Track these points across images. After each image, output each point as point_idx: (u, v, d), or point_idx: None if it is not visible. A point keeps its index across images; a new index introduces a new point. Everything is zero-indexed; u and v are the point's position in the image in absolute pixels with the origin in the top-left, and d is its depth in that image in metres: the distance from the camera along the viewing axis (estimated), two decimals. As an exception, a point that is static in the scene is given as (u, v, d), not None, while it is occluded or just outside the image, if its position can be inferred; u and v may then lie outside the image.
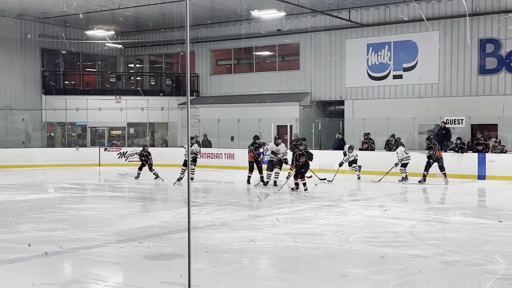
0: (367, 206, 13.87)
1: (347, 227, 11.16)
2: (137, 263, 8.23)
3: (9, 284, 7.07)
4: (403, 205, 14.20)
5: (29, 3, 25.67)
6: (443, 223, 11.76)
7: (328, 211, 13.05)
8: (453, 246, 9.52)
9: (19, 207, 13.96)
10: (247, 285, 7.00)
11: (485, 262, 8.21)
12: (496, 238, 10.10)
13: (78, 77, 32.90)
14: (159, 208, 12.97)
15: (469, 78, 24.34)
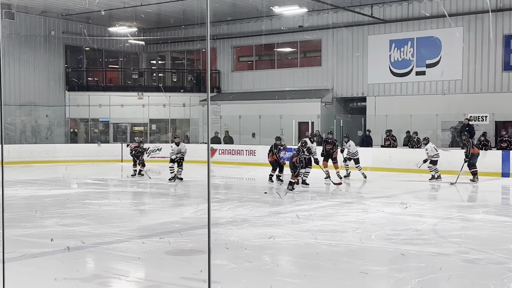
0: (389, 203, 13.82)
1: (369, 224, 11.12)
2: (158, 258, 8.28)
3: (32, 278, 7.15)
4: (425, 202, 14.11)
5: (52, 1, 25.87)
6: (466, 220, 11.69)
7: (349, 208, 13.01)
8: (476, 244, 9.45)
9: (42, 202, 14.10)
10: (268, 282, 7.00)
11: (508, 260, 8.16)
12: (519, 236, 10.03)
13: (101, 74, 33.15)
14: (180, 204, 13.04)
15: (493, 75, 24.18)
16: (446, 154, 19.43)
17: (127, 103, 30.38)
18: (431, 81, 25.58)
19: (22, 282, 6.76)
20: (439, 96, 25.24)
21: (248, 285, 6.77)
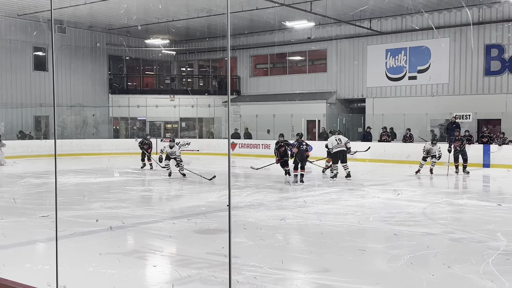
0: (384, 190, 13.78)
1: (367, 208, 11.12)
2: (187, 236, 8.34)
3: (80, 253, 7.23)
4: (416, 189, 14.04)
5: (98, 17, 26.02)
6: (452, 205, 11.65)
7: (350, 194, 13.00)
8: (460, 225, 9.42)
9: (89, 188, 14.23)
10: (280, 257, 7.02)
11: (488, 239, 8.12)
12: (498, 218, 9.97)
13: (139, 79, 33.34)
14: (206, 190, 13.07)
15: (475, 79, 24.06)
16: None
17: (161, 104, 30.51)
18: (421, 85, 25.49)
19: (72, 256, 6.85)
20: (429, 97, 25.13)
21: (263, 259, 6.80)
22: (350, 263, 6.97)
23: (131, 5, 22.22)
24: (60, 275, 3.61)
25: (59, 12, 23.64)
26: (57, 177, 4.75)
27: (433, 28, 23.37)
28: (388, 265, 6.76)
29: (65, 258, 6.47)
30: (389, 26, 26.15)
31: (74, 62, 28.36)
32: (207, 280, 6.02)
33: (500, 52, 23.50)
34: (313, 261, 6.97)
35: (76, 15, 24.57)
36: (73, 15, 24.47)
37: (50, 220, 9.14)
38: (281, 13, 22.91)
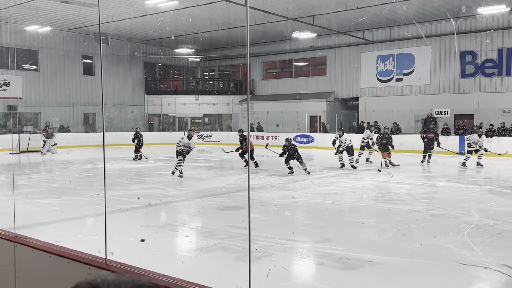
0: (376, 174, 13.76)
1: (361, 189, 11.12)
2: (212, 212, 8.41)
3: (125, 225, 7.32)
4: (402, 173, 14.00)
5: (136, 30, 26.11)
6: (432, 186, 11.63)
7: (347, 178, 13.00)
8: (440, 204, 9.40)
9: (130, 173, 14.38)
10: (289, 229, 7.06)
11: (463, 215, 8.11)
12: (472, 198, 9.95)
13: (169, 82, 33.44)
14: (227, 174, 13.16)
15: (453, 80, 23.90)
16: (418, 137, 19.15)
17: (188, 103, 30.61)
18: (407, 85, 25.33)
19: (118, 229, 6.93)
20: (413, 96, 24.98)
21: (275, 232, 6.84)
22: (347, 234, 6.99)
23: (163, 20, 22.27)
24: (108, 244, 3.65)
25: (104, 26, 23.72)
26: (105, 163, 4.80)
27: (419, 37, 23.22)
28: (379, 237, 6.77)
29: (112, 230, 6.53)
30: (380, 36, 25.96)
31: (116, 68, 28.48)
32: (228, 248, 6.08)
33: (473, 58, 23.29)
34: (316, 233, 7.01)
35: (118, 28, 24.67)
36: (115, 28, 24.55)
37: (98, 199, 9.25)
38: (288, 26, 22.85)
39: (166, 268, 4.30)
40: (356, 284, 4.89)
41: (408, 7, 19.85)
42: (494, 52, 22.70)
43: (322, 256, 5.81)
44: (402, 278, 5.08)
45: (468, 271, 5.23)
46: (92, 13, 20.95)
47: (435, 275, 5.21)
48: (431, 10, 21.17)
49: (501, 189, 11.11)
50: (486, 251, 5.88)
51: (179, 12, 20.22)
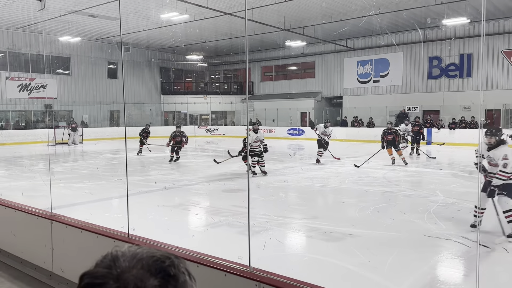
0: (356, 161, 13.75)
1: (344, 174, 11.13)
2: (218, 194, 8.42)
3: (144, 205, 7.34)
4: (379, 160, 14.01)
5: (152, 40, 26.00)
6: (404, 171, 11.63)
7: (332, 164, 13.00)
8: (410, 186, 9.43)
9: (148, 161, 14.36)
10: (283, 208, 7.08)
11: (430, 195, 8.13)
12: (437, 180, 9.95)
13: (182, 83, 33.33)
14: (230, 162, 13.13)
15: (421, 81, 23.86)
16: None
17: (197, 101, 30.57)
18: (383, 86, 25.27)
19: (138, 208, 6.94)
20: (388, 95, 24.94)
21: (270, 210, 6.85)
22: (331, 212, 7.02)
23: (176, 31, 22.19)
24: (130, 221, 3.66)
25: (125, 37, 23.66)
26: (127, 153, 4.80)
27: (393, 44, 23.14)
28: (359, 214, 6.79)
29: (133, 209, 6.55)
30: (360, 44, 25.86)
31: (136, 72, 28.40)
32: (232, 224, 6.10)
33: (439, 62, 23.23)
34: (305, 211, 7.03)
35: (137, 38, 24.57)
36: (135, 38, 24.45)
37: (121, 183, 9.26)
38: (282, 36, 22.78)
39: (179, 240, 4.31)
40: (339, 253, 4.91)
41: (382, 19, 19.79)
42: (457, 57, 22.64)
43: (311, 230, 5.83)
44: (378, 248, 5.10)
45: (433, 242, 5.25)
46: (115, 25, 20.88)
47: (406, 245, 5.24)
48: (402, 21, 21.08)
49: (462, 173, 11.13)
50: (448, 225, 5.90)
51: (188, 24, 20.15)
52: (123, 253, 0.70)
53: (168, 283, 0.68)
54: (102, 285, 0.66)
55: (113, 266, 0.68)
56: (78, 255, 3.67)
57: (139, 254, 0.70)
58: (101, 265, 0.69)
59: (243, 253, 2.81)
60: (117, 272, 0.67)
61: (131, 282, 0.65)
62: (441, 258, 4.87)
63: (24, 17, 19.62)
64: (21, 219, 4.39)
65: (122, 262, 0.68)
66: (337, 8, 18.62)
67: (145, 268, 0.68)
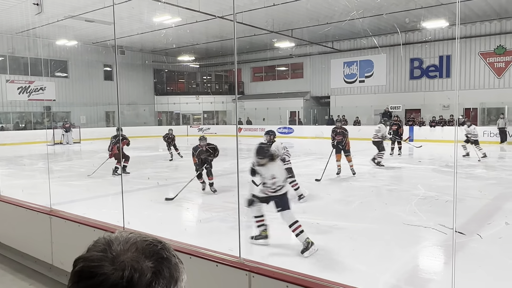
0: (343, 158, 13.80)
1: (331, 170, 11.13)
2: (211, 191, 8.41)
3: (138, 200, 7.34)
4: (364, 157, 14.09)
5: (146, 42, 25.84)
6: (388, 167, 11.72)
7: (320, 161, 13.03)
8: (393, 180, 9.52)
9: (143, 160, 14.28)
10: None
11: (412, 189, 8.23)
12: (418, 175, 10.08)
13: (175, 84, 33.18)
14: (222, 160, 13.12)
15: (404, 81, 24.05)
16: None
17: (190, 102, 30.47)
18: (368, 86, 25.42)
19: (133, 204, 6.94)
20: (373, 94, 25.11)
21: (261, 204, 6.88)
22: (319, 206, 7.07)
23: (168, 34, 22.12)
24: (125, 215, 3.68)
25: (119, 40, 23.54)
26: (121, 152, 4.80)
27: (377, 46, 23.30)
28: (345, 207, 6.86)
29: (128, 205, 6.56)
30: (346, 46, 25.95)
31: (130, 74, 28.20)
32: (223, 219, 6.12)
33: (420, 63, 23.42)
34: (295, 206, 7.04)
35: (131, 41, 24.43)
36: (129, 41, 24.31)
37: (117, 180, 9.22)
38: (271, 37, 22.80)
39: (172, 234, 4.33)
40: (326, 245, 4.96)
41: (365, 22, 19.87)
42: (436, 58, 22.85)
43: (299, 223, 5.87)
44: (363, 239, 5.17)
45: (415, 232, 5.33)
46: (111, 29, 20.72)
47: (389, 236, 5.31)
48: (384, 24, 21.21)
49: (441, 168, 11.27)
50: (429, 217, 5.99)
51: (180, 27, 20.06)
52: (116, 237, 0.71)
53: (162, 265, 0.69)
54: (98, 267, 0.66)
55: (108, 250, 0.68)
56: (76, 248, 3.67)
57: (132, 239, 0.71)
58: (95, 249, 0.69)
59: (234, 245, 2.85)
60: (113, 255, 0.67)
61: (127, 264, 0.66)
62: (421, 248, 4.95)
63: (23, 22, 19.43)
64: (22, 214, 4.38)
65: (117, 245, 0.69)
66: (322, 10, 18.69)
67: (140, 251, 0.69)
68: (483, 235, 5.11)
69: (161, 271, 0.68)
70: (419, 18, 18.48)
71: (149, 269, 0.67)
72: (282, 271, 2.56)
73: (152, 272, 0.67)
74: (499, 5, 18.71)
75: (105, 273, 0.65)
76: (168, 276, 0.69)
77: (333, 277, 2.59)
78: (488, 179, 9.47)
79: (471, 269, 4.11)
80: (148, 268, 0.67)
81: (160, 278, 0.67)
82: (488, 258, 4.49)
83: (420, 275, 4.20)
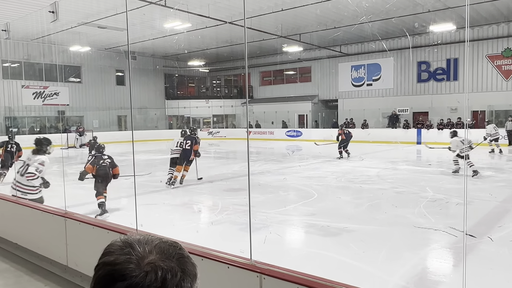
0: (351, 161, 13.77)
1: (340, 173, 11.14)
2: (220, 193, 8.43)
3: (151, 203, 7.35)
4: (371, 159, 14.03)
5: (158, 47, 25.99)
6: (396, 169, 11.66)
7: (328, 164, 13.03)
8: (401, 182, 9.44)
9: (154, 163, 14.35)
10: (282, 205, 7.10)
11: (420, 191, 8.16)
12: (426, 178, 9.99)
13: (185, 89, 33.28)
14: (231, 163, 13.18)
15: (411, 84, 23.88)
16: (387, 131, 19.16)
17: (200, 106, 30.60)
18: (375, 89, 25.29)
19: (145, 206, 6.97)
20: (380, 97, 24.96)
21: (270, 207, 6.87)
22: (329, 209, 7.04)
23: (179, 39, 22.25)
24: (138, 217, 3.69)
25: (132, 46, 23.74)
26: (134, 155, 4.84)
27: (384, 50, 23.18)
28: (355, 210, 6.82)
29: (141, 207, 6.60)
30: (353, 50, 25.87)
31: (142, 78, 28.42)
32: (234, 221, 6.12)
33: (427, 66, 23.25)
34: (303, 208, 7.04)
35: (143, 47, 24.62)
36: (141, 47, 24.50)
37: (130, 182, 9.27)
38: (280, 42, 22.80)
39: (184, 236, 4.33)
40: (336, 247, 4.94)
41: (373, 26, 19.81)
42: (444, 62, 22.67)
43: (309, 226, 5.86)
44: (372, 241, 5.13)
45: (423, 235, 5.28)
46: (123, 35, 20.91)
47: (398, 238, 5.27)
48: (392, 28, 21.11)
49: (450, 170, 11.15)
50: (437, 219, 5.93)
51: (191, 33, 20.17)
52: (138, 240, 0.72)
53: (186, 264, 0.72)
54: (125, 270, 0.66)
55: (132, 252, 0.69)
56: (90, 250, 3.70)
57: (152, 241, 0.73)
58: (117, 252, 0.69)
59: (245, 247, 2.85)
60: (138, 258, 0.68)
61: (158, 265, 0.68)
62: (430, 250, 4.90)
63: (38, 29, 19.69)
64: (38, 217, 4.43)
65: (139, 248, 0.70)
66: (331, 15, 18.66)
67: (164, 252, 0.71)
68: (494, 238, 5.04)
69: (185, 269, 0.71)
70: (427, 22, 18.37)
71: (178, 269, 0.70)
72: (292, 273, 2.55)
73: (181, 270, 0.70)
74: (506, 8, 18.52)
75: (136, 275, 0.66)
76: (192, 274, 0.72)
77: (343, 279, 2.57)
78: (497, 182, 9.35)
79: (481, 271, 4.05)
80: (177, 268, 0.70)
81: (187, 276, 0.71)
82: (499, 261, 4.42)
83: (430, 277, 4.15)
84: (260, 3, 16.22)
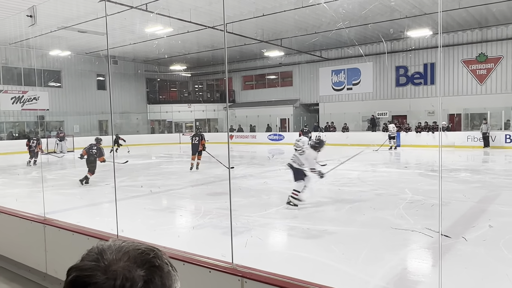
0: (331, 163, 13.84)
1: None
2: (202, 197, 8.38)
3: (132, 208, 7.26)
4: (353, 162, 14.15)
5: (139, 52, 25.78)
6: (376, 172, 11.81)
7: (310, 166, 13.07)
8: (381, 185, 9.56)
9: (136, 167, 14.18)
10: (263, 208, 7.10)
11: (399, 193, 8.28)
12: (405, 180, 10.15)
13: (167, 93, 33.06)
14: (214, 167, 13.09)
15: (390, 89, 24.26)
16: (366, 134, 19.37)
17: (182, 110, 30.41)
18: (355, 93, 25.61)
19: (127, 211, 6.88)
20: (360, 101, 25.29)
21: (253, 211, 6.86)
22: (310, 211, 7.07)
23: (160, 44, 22.12)
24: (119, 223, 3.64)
25: (112, 50, 23.47)
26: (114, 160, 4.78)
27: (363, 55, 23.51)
28: (335, 212, 6.87)
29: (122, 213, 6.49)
30: (333, 54, 26.17)
31: (123, 83, 28.10)
32: (216, 225, 6.09)
33: (405, 71, 23.68)
34: (286, 211, 7.05)
35: (124, 51, 24.37)
36: (122, 51, 24.26)
37: (110, 187, 9.14)
38: (261, 47, 22.91)
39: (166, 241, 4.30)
40: (317, 249, 4.96)
41: (351, 31, 20.09)
42: (421, 66, 23.15)
43: (291, 229, 5.88)
44: (353, 242, 5.18)
45: (402, 235, 5.36)
46: (103, 40, 20.66)
47: (378, 239, 5.33)
48: (370, 34, 21.45)
49: (428, 172, 11.36)
50: (416, 220, 6.03)
51: (172, 38, 20.08)
52: (109, 246, 0.70)
53: (155, 273, 0.68)
54: (90, 277, 0.65)
55: (100, 259, 0.68)
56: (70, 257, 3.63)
57: (124, 247, 0.70)
58: (87, 259, 0.68)
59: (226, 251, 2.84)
60: (105, 265, 0.67)
61: (119, 273, 0.65)
62: (410, 251, 4.97)
63: (16, 33, 19.28)
64: (16, 224, 4.32)
65: (109, 255, 0.68)
66: (310, 20, 18.84)
67: (132, 260, 0.68)
68: (468, 238, 5.15)
69: (153, 279, 0.67)
70: (403, 27, 18.74)
71: (140, 278, 0.66)
72: (273, 276, 2.56)
73: (144, 281, 0.66)
74: (479, 14, 19.05)
75: (97, 282, 0.65)
76: (159, 285, 0.68)
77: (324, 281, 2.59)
78: (473, 183, 9.57)
79: (457, 271, 4.14)
80: (139, 277, 0.66)
81: (151, 287, 0.67)
82: (473, 260, 4.52)
83: (409, 277, 4.22)
84: (241, 8, 16.28)
